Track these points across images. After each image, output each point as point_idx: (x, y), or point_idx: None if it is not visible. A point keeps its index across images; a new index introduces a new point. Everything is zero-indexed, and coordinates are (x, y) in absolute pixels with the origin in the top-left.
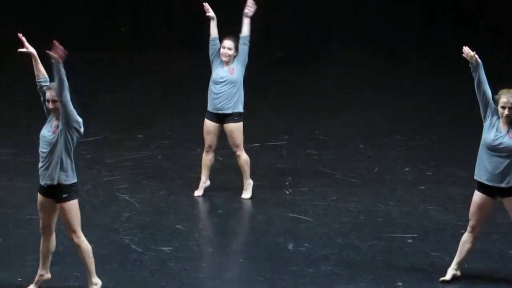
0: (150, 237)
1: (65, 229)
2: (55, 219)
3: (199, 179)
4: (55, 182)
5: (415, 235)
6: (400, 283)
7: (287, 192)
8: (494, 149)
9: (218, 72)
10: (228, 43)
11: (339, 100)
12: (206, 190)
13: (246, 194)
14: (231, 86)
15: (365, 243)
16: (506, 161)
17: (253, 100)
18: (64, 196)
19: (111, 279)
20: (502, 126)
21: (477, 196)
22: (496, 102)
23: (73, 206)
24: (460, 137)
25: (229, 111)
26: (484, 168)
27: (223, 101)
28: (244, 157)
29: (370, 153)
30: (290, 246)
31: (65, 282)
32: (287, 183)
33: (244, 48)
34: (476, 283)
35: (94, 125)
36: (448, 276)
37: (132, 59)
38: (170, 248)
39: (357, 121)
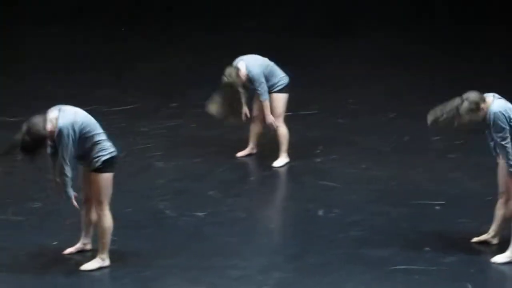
0: (184, 203)
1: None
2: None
3: (232, 147)
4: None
5: (443, 202)
6: (427, 248)
7: (318, 160)
8: None
9: None
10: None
11: (370, 72)
12: (237, 159)
13: (278, 162)
14: None
15: (394, 210)
16: None
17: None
18: (96, 166)
19: (146, 242)
20: None
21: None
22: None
23: (103, 178)
24: None
25: None
26: None
27: None
28: (282, 129)
29: (400, 122)
30: (320, 212)
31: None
32: (318, 151)
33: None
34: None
35: (128, 94)
36: (480, 238)
37: (166, 30)
38: (204, 213)
39: (387, 92)
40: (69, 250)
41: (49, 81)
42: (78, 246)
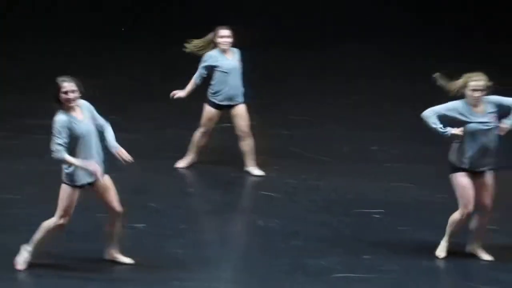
0: (125, 214)
1: None
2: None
3: (171, 158)
4: None
5: (383, 211)
6: (368, 256)
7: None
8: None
9: (224, 63)
10: (226, 31)
11: (309, 84)
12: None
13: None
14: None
15: (334, 219)
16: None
17: None
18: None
19: (87, 255)
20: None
21: None
22: (459, 86)
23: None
24: None
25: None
26: None
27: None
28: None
29: (339, 133)
30: (261, 223)
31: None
32: (258, 162)
33: None
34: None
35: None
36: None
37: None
38: (144, 225)
39: (326, 103)
40: None
41: None
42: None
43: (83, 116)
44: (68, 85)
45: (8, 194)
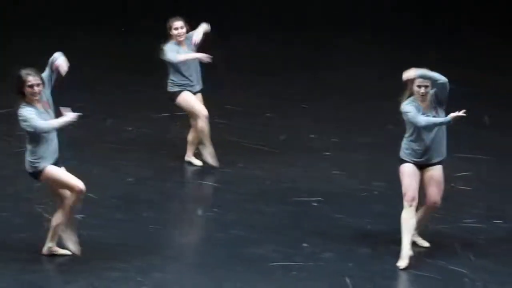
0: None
1: None
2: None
3: (110, 148)
4: None
5: (321, 199)
6: (305, 244)
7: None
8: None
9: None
10: (179, 23)
11: (245, 74)
12: (117, 159)
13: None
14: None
15: (272, 208)
16: None
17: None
18: None
19: (23, 246)
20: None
21: None
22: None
23: None
24: (367, 107)
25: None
26: None
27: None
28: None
29: (277, 122)
30: (199, 212)
31: None
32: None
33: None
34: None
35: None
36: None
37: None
38: (82, 216)
39: (263, 93)
40: None
41: None
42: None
43: (44, 107)
44: (33, 79)
45: None
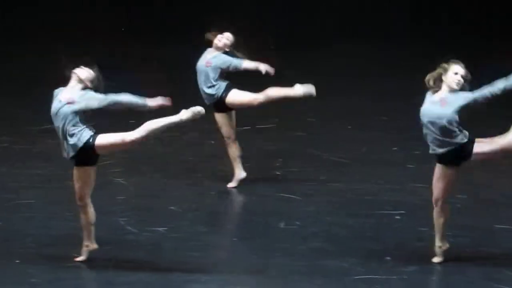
0: (145, 218)
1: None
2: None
3: (191, 162)
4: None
5: (403, 212)
6: (388, 258)
7: (278, 173)
8: None
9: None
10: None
11: (326, 84)
12: (198, 172)
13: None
14: None
15: (354, 221)
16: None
17: (244, 85)
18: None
19: (109, 259)
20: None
21: None
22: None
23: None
24: None
25: None
26: None
27: None
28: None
29: (358, 134)
30: (282, 225)
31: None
32: (277, 164)
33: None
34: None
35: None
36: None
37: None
38: (165, 228)
39: (344, 104)
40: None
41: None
42: (83, 250)
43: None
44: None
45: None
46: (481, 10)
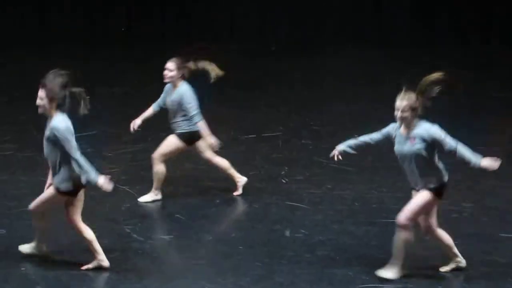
0: (151, 226)
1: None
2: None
3: (196, 169)
4: None
5: None
6: None
7: (284, 181)
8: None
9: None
10: (168, 64)
11: (331, 90)
12: (203, 181)
13: (144, 198)
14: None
15: (360, 229)
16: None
17: (248, 92)
18: None
19: (114, 267)
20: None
21: None
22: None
23: None
24: (452, 123)
25: None
26: None
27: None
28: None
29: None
30: (287, 233)
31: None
32: (283, 172)
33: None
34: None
35: (92, 119)
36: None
37: (126, 54)
38: (170, 236)
39: (349, 111)
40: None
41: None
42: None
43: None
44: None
45: None
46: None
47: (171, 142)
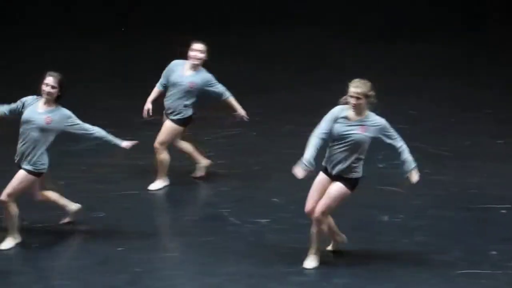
0: (247, 210)
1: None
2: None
3: (290, 154)
4: None
5: (509, 206)
6: (493, 252)
7: (381, 166)
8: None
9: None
10: (199, 45)
11: (428, 78)
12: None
13: (153, 185)
14: None
15: (458, 214)
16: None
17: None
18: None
19: (210, 250)
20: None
21: None
22: None
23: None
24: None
25: None
26: None
27: None
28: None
29: (460, 127)
30: (385, 218)
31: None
32: (380, 157)
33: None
34: None
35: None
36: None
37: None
38: (267, 220)
39: (446, 98)
40: None
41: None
42: None
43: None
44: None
45: None
46: None
47: (170, 129)
